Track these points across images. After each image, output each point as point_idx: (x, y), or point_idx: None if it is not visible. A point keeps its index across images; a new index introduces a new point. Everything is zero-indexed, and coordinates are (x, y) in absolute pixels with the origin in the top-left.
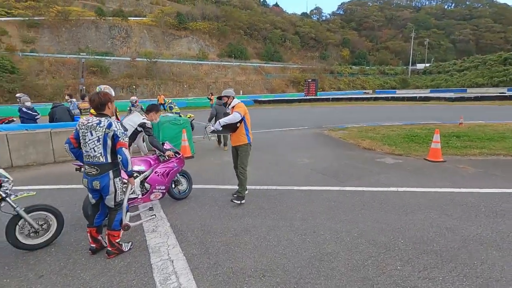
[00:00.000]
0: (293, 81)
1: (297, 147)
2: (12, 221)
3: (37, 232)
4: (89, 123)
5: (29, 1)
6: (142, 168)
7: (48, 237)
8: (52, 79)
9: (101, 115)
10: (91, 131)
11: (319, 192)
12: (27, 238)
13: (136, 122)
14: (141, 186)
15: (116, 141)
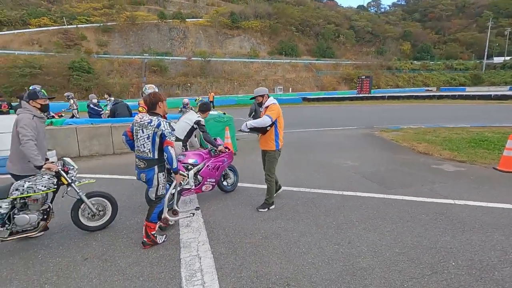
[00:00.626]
0: (345, 78)
1: (342, 148)
2: (76, 204)
3: (95, 216)
4: (141, 121)
5: (104, 9)
6: (196, 161)
7: (104, 221)
8: (120, 78)
9: (153, 114)
10: (143, 129)
11: (360, 198)
12: (87, 220)
13: (192, 120)
14: (195, 178)
15: (164, 139)
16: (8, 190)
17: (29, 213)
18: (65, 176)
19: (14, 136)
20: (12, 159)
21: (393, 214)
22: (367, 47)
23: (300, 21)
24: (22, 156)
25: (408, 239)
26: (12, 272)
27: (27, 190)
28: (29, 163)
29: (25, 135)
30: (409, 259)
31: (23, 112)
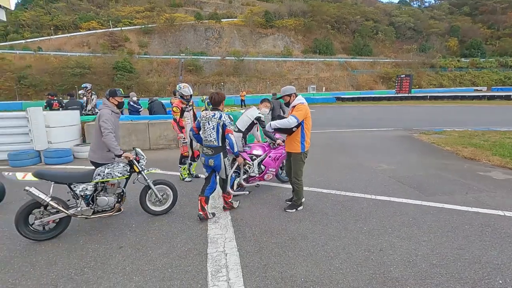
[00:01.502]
0: (383, 77)
1: (377, 150)
2: (144, 190)
3: (160, 201)
4: (207, 115)
5: (145, 12)
6: (260, 152)
7: (166, 206)
8: (158, 77)
9: (215, 109)
10: (208, 121)
11: (395, 204)
12: (152, 205)
13: (254, 115)
14: (258, 167)
15: (225, 129)
16: (92, 175)
17: (107, 195)
18: (137, 164)
19: (96, 129)
20: (93, 149)
21: (431, 222)
22: (408, 44)
23: (336, 18)
24: (101, 146)
25: (447, 251)
26: (57, 255)
27: (106, 175)
28: (108, 152)
29: (106, 128)
30: (448, 272)
31: (104, 108)
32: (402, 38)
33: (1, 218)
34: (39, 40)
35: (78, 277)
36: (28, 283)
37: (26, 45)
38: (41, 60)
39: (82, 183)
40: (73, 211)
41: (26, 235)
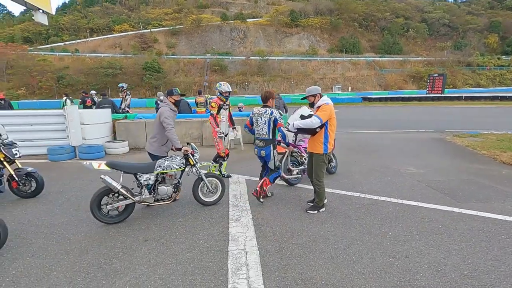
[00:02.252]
0: (413, 76)
1: (406, 153)
2: (197, 182)
3: (211, 192)
4: (259, 112)
5: (174, 14)
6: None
7: (215, 198)
8: (185, 77)
9: (265, 106)
10: (261, 117)
11: (423, 209)
12: (204, 195)
13: (305, 113)
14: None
15: (276, 123)
16: (153, 166)
17: (166, 185)
18: (192, 158)
19: (157, 124)
20: (151, 142)
21: (463, 231)
22: (442, 41)
23: (364, 16)
24: (159, 140)
25: (481, 262)
26: (89, 245)
27: (166, 167)
28: (163, 146)
29: (169, 123)
30: (480, 285)
31: (164, 106)
32: (435, 35)
33: (41, 208)
34: (76, 42)
35: (107, 266)
36: (62, 269)
37: (65, 47)
38: (77, 61)
39: (146, 173)
40: (138, 198)
41: (99, 218)
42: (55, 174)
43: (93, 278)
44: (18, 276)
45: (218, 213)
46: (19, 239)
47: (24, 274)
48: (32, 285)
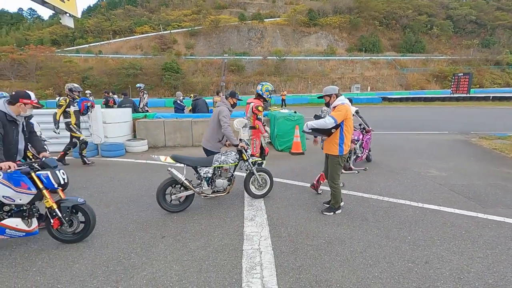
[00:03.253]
0: (436, 76)
1: (428, 155)
2: (248, 176)
3: (261, 186)
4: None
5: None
6: (358, 137)
7: (264, 191)
8: (202, 77)
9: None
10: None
11: (445, 214)
12: (254, 189)
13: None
14: (360, 148)
15: None
16: (212, 161)
17: (222, 178)
18: (245, 153)
19: (214, 122)
20: (207, 138)
21: (488, 237)
22: (469, 39)
23: (385, 14)
24: (215, 137)
25: (507, 271)
26: (109, 239)
27: (222, 161)
28: (218, 143)
29: (226, 122)
30: None
31: (223, 105)
32: (461, 33)
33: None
34: (100, 44)
35: (126, 261)
36: (84, 261)
37: (89, 49)
38: (101, 62)
39: (205, 167)
40: (198, 190)
41: (164, 206)
42: (79, 170)
43: (113, 272)
44: (44, 266)
45: (233, 212)
46: (45, 231)
47: (49, 265)
48: (57, 275)
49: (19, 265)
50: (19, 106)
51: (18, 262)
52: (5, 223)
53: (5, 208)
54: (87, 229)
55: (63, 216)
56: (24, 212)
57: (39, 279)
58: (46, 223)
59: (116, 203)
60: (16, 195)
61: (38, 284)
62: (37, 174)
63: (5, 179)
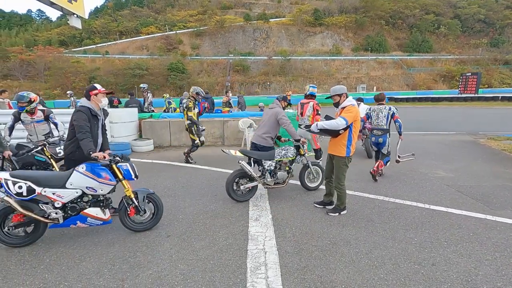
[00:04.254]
0: (444, 76)
1: (435, 156)
2: (303, 169)
3: (315, 178)
4: (379, 108)
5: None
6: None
7: (317, 183)
8: (208, 77)
9: (381, 104)
10: (381, 112)
11: (452, 216)
12: (309, 181)
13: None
14: None
15: (393, 116)
16: (273, 155)
17: (283, 171)
18: (302, 148)
19: (272, 121)
20: (262, 136)
21: (497, 240)
22: (477, 38)
23: (392, 13)
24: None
25: None
26: (115, 238)
27: (283, 155)
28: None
29: (287, 120)
30: None
31: (277, 107)
32: (469, 32)
33: None
34: (106, 45)
35: (132, 259)
36: (91, 259)
37: (96, 49)
38: (107, 62)
39: (269, 160)
40: (262, 181)
41: (233, 196)
42: None
43: (119, 270)
44: (52, 264)
45: (238, 212)
46: (53, 229)
47: (57, 262)
48: (64, 273)
49: (28, 263)
50: (93, 99)
51: (27, 259)
52: (88, 212)
53: (85, 199)
54: (156, 218)
55: (139, 205)
56: (102, 202)
57: (47, 277)
58: (121, 212)
59: None
60: (99, 185)
61: (46, 281)
62: (118, 166)
63: (89, 171)
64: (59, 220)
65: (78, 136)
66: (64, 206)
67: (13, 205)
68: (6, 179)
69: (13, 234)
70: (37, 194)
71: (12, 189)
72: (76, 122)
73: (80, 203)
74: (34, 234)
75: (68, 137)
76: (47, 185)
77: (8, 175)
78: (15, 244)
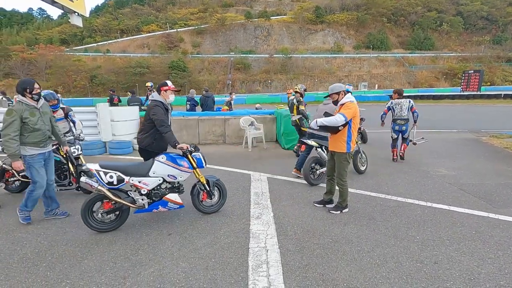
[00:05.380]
0: (446, 73)
1: (437, 154)
2: (356, 154)
3: (364, 162)
4: (400, 101)
5: (199, 13)
6: None
7: (364, 167)
8: (209, 75)
9: (403, 97)
10: (404, 104)
11: (455, 214)
12: (361, 165)
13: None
14: None
15: (411, 107)
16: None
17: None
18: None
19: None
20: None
21: (500, 238)
22: (480, 35)
23: (394, 11)
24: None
25: None
26: (117, 236)
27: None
28: None
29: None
30: None
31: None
32: (472, 29)
33: (76, 199)
34: (107, 43)
35: (133, 257)
36: (92, 257)
37: (97, 47)
38: (109, 61)
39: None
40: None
41: (309, 180)
42: None
43: (120, 268)
44: (54, 262)
45: (240, 210)
46: (55, 227)
47: (58, 260)
48: (66, 271)
49: (30, 260)
50: (163, 94)
51: (29, 257)
52: (169, 197)
53: (163, 186)
54: (222, 201)
55: (210, 190)
56: (177, 188)
57: (49, 274)
58: (194, 197)
59: None
60: (180, 173)
61: (48, 279)
62: (193, 156)
63: (169, 160)
64: (144, 205)
65: (161, 129)
66: (148, 193)
67: (106, 193)
68: (97, 170)
69: (103, 220)
70: (126, 183)
71: (104, 179)
72: (156, 116)
73: (161, 190)
74: (120, 219)
75: (145, 130)
76: (133, 174)
77: (98, 166)
78: (104, 230)
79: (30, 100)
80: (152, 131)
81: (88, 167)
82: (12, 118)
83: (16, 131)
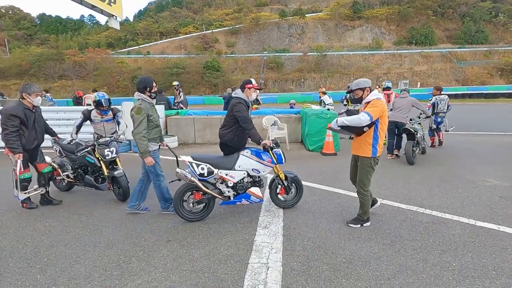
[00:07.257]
0: (502, 69)
1: (486, 160)
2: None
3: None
4: (442, 98)
5: (234, 14)
6: None
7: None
8: (242, 75)
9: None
10: (444, 100)
11: (504, 236)
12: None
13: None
14: None
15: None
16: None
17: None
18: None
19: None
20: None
21: None
22: None
23: (440, 2)
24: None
25: None
26: (115, 239)
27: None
28: None
29: None
30: None
31: (409, 95)
32: None
33: (90, 197)
34: (148, 46)
35: (125, 265)
36: (85, 262)
37: (139, 50)
38: (148, 62)
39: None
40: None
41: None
42: None
43: (109, 276)
44: (47, 264)
45: (248, 217)
46: (61, 226)
47: (53, 262)
48: (55, 275)
49: (26, 261)
50: (247, 92)
51: (27, 257)
52: (252, 190)
53: (245, 180)
54: (298, 197)
55: (288, 185)
56: (258, 183)
57: (38, 278)
58: (272, 191)
59: None
60: (264, 168)
61: (36, 283)
62: (274, 151)
63: (254, 155)
64: (230, 197)
65: (245, 126)
66: (234, 186)
67: (198, 184)
68: (190, 162)
69: (192, 210)
70: (215, 175)
71: (196, 170)
72: (240, 113)
73: (244, 183)
74: (207, 210)
75: (228, 126)
76: (221, 167)
77: (191, 158)
78: (193, 219)
79: (148, 98)
80: (234, 127)
81: (182, 158)
82: (142, 116)
83: (146, 129)
